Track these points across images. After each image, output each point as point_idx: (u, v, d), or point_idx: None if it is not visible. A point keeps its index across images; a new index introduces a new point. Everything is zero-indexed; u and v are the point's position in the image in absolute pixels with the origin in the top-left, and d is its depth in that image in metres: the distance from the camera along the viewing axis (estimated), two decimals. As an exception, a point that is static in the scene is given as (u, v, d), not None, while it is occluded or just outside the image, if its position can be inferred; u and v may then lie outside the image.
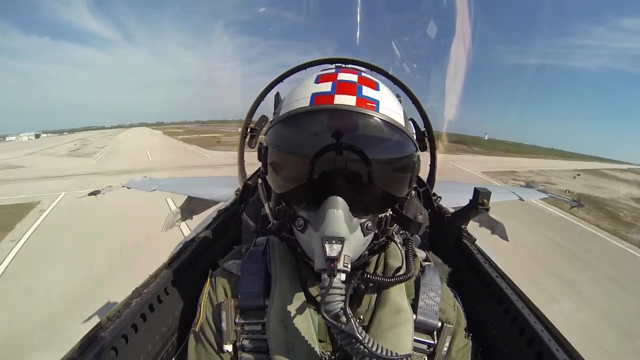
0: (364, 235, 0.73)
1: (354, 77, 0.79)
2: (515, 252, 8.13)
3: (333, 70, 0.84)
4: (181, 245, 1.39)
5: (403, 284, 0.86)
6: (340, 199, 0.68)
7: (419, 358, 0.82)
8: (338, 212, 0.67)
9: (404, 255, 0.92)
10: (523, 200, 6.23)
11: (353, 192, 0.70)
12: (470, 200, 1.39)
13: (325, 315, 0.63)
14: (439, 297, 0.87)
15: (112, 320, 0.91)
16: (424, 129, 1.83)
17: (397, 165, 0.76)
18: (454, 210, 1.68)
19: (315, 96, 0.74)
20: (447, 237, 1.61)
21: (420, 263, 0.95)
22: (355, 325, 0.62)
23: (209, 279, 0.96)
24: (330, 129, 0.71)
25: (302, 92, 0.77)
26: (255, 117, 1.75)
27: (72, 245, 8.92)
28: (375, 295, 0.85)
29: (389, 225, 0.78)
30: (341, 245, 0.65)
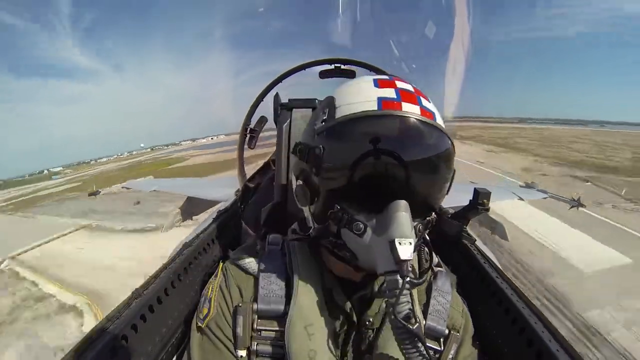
0: (415, 237, 0.74)
1: (410, 87, 0.80)
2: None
3: (388, 77, 0.83)
4: (181, 246, 1.38)
5: (415, 289, 0.85)
6: (405, 203, 0.69)
7: None
8: (406, 216, 0.68)
9: (417, 260, 0.93)
10: (523, 200, 6.27)
11: (413, 196, 0.71)
12: (470, 200, 1.38)
13: (396, 316, 0.63)
14: (448, 304, 0.87)
15: (112, 321, 0.91)
16: None
17: (447, 171, 0.78)
18: (453, 211, 1.68)
19: (382, 100, 0.74)
20: (447, 238, 1.61)
21: (432, 268, 0.94)
22: (421, 327, 0.63)
23: (220, 272, 0.93)
24: (403, 135, 0.73)
25: (365, 94, 0.76)
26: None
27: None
28: (387, 299, 0.86)
29: (429, 228, 0.80)
30: (412, 246, 0.66)
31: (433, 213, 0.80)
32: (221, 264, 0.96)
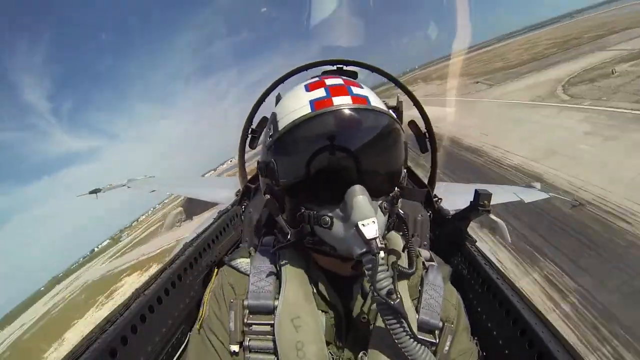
0: (384, 215, 0.81)
1: (340, 80, 0.85)
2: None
3: (317, 79, 0.88)
4: (181, 246, 1.39)
5: (406, 284, 0.88)
6: (360, 187, 0.74)
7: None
8: (363, 198, 0.73)
9: (406, 254, 0.93)
10: (524, 202, 6.26)
11: (368, 179, 0.76)
12: (470, 201, 1.38)
13: (377, 293, 0.67)
14: (441, 298, 0.89)
15: (112, 322, 0.91)
16: (425, 131, 1.83)
17: (394, 145, 0.84)
18: (454, 212, 1.68)
19: (314, 102, 0.79)
20: (448, 239, 1.60)
21: (424, 263, 0.97)
22: (402, 303, 0.68)
23: (214, 277, 0.96)
24: (339, 127, 0.77)
25: (298, 101, 0.81)
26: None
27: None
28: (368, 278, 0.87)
29: (396, 203, 0.86)
30: (375, 225, 0.70)
31: (396, 188, 0.85)
32: (216, 270, 0.99)
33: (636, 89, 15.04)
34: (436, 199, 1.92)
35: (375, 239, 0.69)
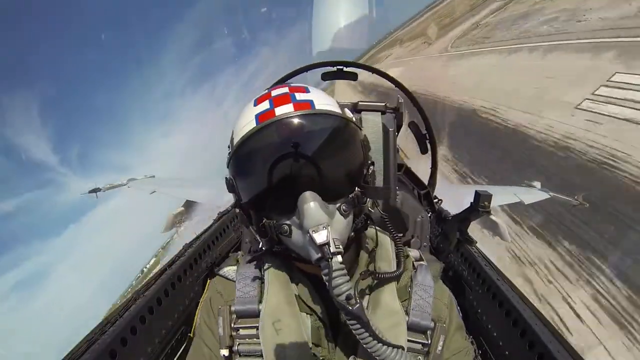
0: (345, 218, 0.79)
1: (285, 89, 0.86)
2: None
3: (265, 91, 0.89)
4: (181, 248, 1.39)
5: (394, 286, 0.88)
6: (309, 193, 0.74)
7: (414, 358, 0.83)
8: (314, 204, 0.73)
9: (394, 255, 0.94)
10: (524, 203, 6.25)
11: (320, 184, 0.76)
12: (471, 203, 1.38)
13: (335, 298, 0.66)
14: (431, 298, 0.89)
15: (112, 323, 0.91)
16: (425, 132, 1.84)
17: (346, 145, 0.84)
18: (454, 213, 1.68)
19: (258, 116, 0.80)
20: (448, 240, 1.60)
21: (413, 263, 0.96)
22: (363, 308, 0.67)
23: (207, 287, 0.99)
24: (282, 137, 0.77)
25: (246, 117, 0.83)
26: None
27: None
28: (368, 297, 0.87)
29: (362, 203, 0.84)
30: (326, 230, 0.70)
31: (356, 188, 0.83)
32: (209, 281, 1.02)
33: (477, 37, 25.64)
34: (436, 200, 1.92)
35: (326, 244, 0.68)
